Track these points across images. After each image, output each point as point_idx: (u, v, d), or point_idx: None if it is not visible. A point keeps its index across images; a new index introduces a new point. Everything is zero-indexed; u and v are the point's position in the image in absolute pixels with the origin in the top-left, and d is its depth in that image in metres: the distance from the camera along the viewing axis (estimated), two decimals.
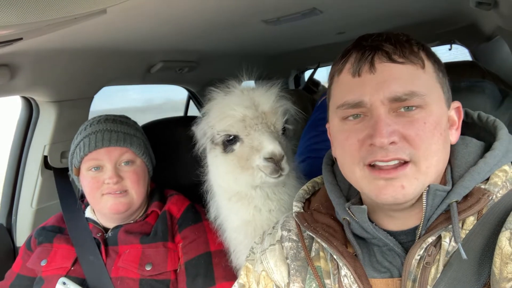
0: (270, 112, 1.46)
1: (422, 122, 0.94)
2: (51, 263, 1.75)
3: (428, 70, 0.99)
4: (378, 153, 0.94)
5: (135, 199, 1.80)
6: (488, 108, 1.34)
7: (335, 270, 1.06)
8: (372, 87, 0.97)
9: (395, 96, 0.95)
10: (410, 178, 0.94)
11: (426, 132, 0.94)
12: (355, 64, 1.00)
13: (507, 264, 0.83)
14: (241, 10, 1.71)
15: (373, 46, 0.99)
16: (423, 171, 0.95)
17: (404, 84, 0.95)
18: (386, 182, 0.95)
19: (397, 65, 0.97)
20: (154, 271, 1.68)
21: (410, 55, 0.97)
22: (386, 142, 0.93)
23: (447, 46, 3.49)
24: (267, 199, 1.55)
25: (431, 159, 0.95)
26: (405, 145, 0.94)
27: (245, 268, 1.29)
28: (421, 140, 0.94)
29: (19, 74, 1.80)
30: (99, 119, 1.86)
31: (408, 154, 0.93)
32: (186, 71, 2.81)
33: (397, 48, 0.97)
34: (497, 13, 1.60)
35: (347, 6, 1.93)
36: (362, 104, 0.98)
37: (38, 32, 0.94)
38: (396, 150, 0.93)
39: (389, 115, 0.96)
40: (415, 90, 0.94)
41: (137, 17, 1.51)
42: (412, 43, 1.00)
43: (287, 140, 1.54)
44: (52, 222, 1.93)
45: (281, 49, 3.29)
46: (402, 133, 0.94)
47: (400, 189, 0.94)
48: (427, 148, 0.94)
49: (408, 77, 0.96)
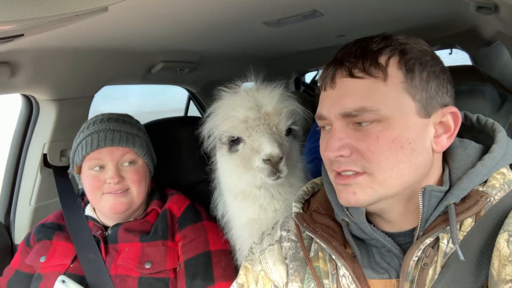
0: (273, 113, 1.46)
1: (375, 137, 0.96)
2: (50, 260, 1.75)
3: (392, 81, 0.96)
4: (334, 164, 1.02)
5: (136, 199, 1.80)
6: (488, 111, 1.35)
7: (334, 270, 1.07)
8: (330, 102, 1.02)
9: (346, 112, 0.98)
10: (363, 186, 0.99)
11: (378, 147, 0.96)
12: (322, 79, 1.05)
13: (505, 266, 0.84)
14: (242, 11, 1.71)
15: (338, 60, 1.02)
16: (380, 182, 0.97)
17: (356, 100, 0.97)
18: (342, 187, 1.02)
19: (355, 80, 0.98)
20: (153, 269, 1.68)
21: (371, 67, 0.97)
22: (332, 156, 1.00)
23: (448, 50, 3.51)
24: (272, 199, 1.55)
25: (389, 171, 0.96)
26: (358, 158, 0.98)
27: (244, 268, 1.30)
28: (373, 154, 0.96)
29: (20, 72, 1.80)
30: (102, 117, 1.86)
31: (360, 166, 0.98)
32: (187, 71, 2.81)
33: (359, 62, 0.98)
34: (498, 18, 1.61)
35: (347, 9, 1.94)
36: (323, 117, 1.04)
37: (39, 29, 0.94)
38: (347, 163, 0.99)
39: (347, 128, 0.99)
40: (366, 106, 0.95)
41: (139, 17, 1.51)
42: (382, 53, 0.98)
43: (292, 141, 1.54)
44: (52, 219, 1.93)
45: (282, 51, 3.30)
46: (355, 147, 0.98)
47: (352, 195, 1.00)
48: (381, 161, 0.96)
49: (363, 93, 0.97)
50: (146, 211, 1.88)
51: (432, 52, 1.05)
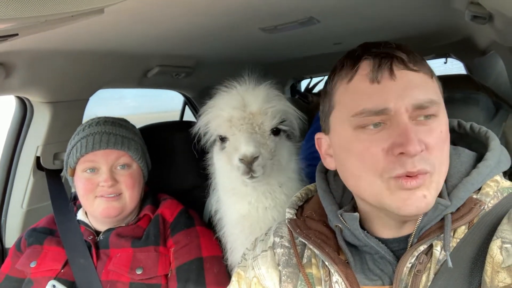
0: (258, 112, 1.47)
1: (439, 131, 0.93)
2: (40, 265, 1.73)
3: (435, 80, 0.99)
4: (407, 164, 0.89)
5: (128, 204, 1.79)
6: (482, 119, 1.35)
7: (327, 277, 1.06)
8: (396, 93, 0.93)
9: (419, 104, 0.92)
10: (428, 187, 0.91)
11: (441, 141, 0.93)
12: (374, 71, 0.96)
13: (498, 273, 0.83)
14: (238, 17, 1.72)
15: (388, 53, 0.97)
16: (438, 180, 0.93)
17: (423, 91, 0.93)
18: (409, 193, 0.91)
19: (414, 72, 0.95)
20: (145, 275, 1.66)
21: (421, 63, 0.96)
22: (419, 150, 0.88)
23: (443, 59, 3.54)
24: (261, 196, 1.56)
25: (443, 168, 0.95)
26: (427, 155, 0.90)
27: (236, 274, 1.29)
28: (438, 149, 0.92)
29: (14, 73, 1.79)
30: (98, 120, 1.85)
31: (429, 165, 0.90)
32: (183, 76, 2.81)
33: (410, 56, 0.96)
34: (492, 27, 1.62)
35: (344, 16, 1.95)
36: (385, 112, 0.93)
37: (34, 29, 0.93)
38: (420, 161, 0.89)
39: (410, 124, 0.92)
40: (433, 98, 0.93)
41: (135, 20, 1.51)
42: (412, 51, 0.99)
43: (283, 141, 1.56)
44: (43, 224, 1.91)
45: (278, 58, 3.31)
46: (424, 142, 0.90)
47: (422, 199, 0.91)
48: (440, 157, 0.93)
49: (425, 85, 0.95)
50: (138, 216, 1.86)
51: None
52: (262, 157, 1.44)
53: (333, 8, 1.75)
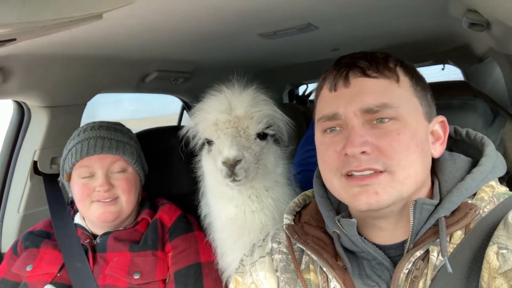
0: (244, 116, 1.48)
1: (396, 133, 0.97)
2: (36, 269, 1.72)
3: (403, 85, 1.02)
4: (352, 163, 0.97)
5: (125, 208, 1.78)
6: (480, 126, 1.36)
7: (325, 283, 1.06)
8: (346, 99, 1.01)
9: (367, 108, 0.98)
10: (384, 185, 0.96)
11: (400, 143, 0.96)
12: (332, 80, 1.05)
13: (495, 279, 0.84)
14: (237, 22, 1.72)
15: (349, 63, 1.04)
16: (400, 180, 0.96)
17: (376, 96, 0.99)
18: (360, 188, 0.97)
19: (371, 79, 1.01)
20: (142, 280, 1.65)
21: (384, 70, 1.01)
22: (357, 151, 0.96)
23: (440, 66, 3.55)
24: (248, 200, 1.56)
25: (408, 169, 0.97)
26: (378, 156, 0.96)
27: (234, 280, 1.28)
28: (394, 151, 0.96)
29: (12, 77, 1.79)
30: (93, 125, 1.84)
31: (382, 164, 0.96)
32: (181, 81, 2.81)
33: (372, 64, 1.02)
34: (490, 34, 1.63)
35: (342, 23, 1.96)
36: (337, 116, 1.02)
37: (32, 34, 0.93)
38: (368, 160, 0.96)
39: (363, 127, 0.99)
40: (386, 102, 0.98)
41: (133, 25, 1.51)
42: (389, 60, 1.04)
43: (270, 145, 1.56)
44: (40, 227, 1.90)
45: (276, 64, 3.32)
46: (375, 144, 0.96)
47: (374, 195, 0.96)
48: (402, 159, 0.96)
49: (381, 90, 1.00)
50: (136, 220, 1.86)
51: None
52: (245, 161, 1.45)
53: (331, 15, 1.76)
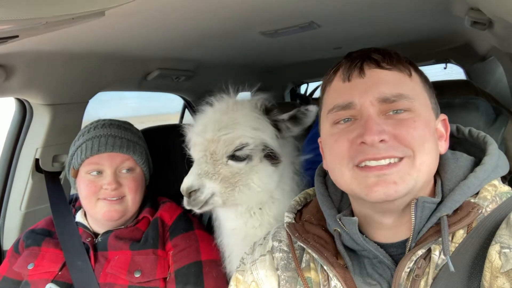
0: (212, 140, 1.46)
1: (412, 121, 0.97)
2: (38, 267, 1.72)
3: (415, 79, 1.04)
4: (369, 151, 0.95)
5: (130, 207, 1.79)
6: (482, 125, 1.35)
7: (325, 281, 1.06)
8: (362, 89, 1.01)
9: (384, 97, 0.98)
10: (403, 174, 0.94)
11: (417, 130, 0.96)
12: (345, 71, 1.04)
13: (497, 278, 0.83)
14: (239, 20, 1.72)
15: (362, 55, 1.05)
16: (417, 167, 0.96)
17: (392, 87, 0.99)
18: (378, 178, 0.95)
19: (385, 71, 1.02)
20: (143, 278, 1.65)
21: (398, 63, 1.03)
22: (377, 140, 0.94)
23: (442, 65, 3.54)
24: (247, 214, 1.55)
25: (425, 156, 0.96)
26: (396, 144, 0.95)
27: (235, 278, 1.28)
28: (412, 138, 0.96)
29: (14, 75, 1.79)
30: (104, 123, 1.85)
31: (401, 152, 0.95)
32: (183, 79, 2.81)
33: (385, 57, 1.03)
34: (492, 33, 1.63)
35: (344, 21, 1.95)
36: (352, 106, 1.00)
37: (34, 31, 0.93)
38: (387, 149, 0.94)
39: (379, 117, 0.98)
40: (403, 93, 0.98)
41: (136, 23, 1.51)
42: (400, 56, 1.05)
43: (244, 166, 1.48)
44: (42, 225, 1.90)
45: (278, 62, 3.31)
46: (392, 133, 0.96)
47: (392, 185, 0.94)
48: (420, 145, 0.96)
49: (396, 82, 1.01)
50: (137, 218, 1.86)
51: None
52: (206, 190, 1.43)
53: (334, 13, 1.76)
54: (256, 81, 1.59)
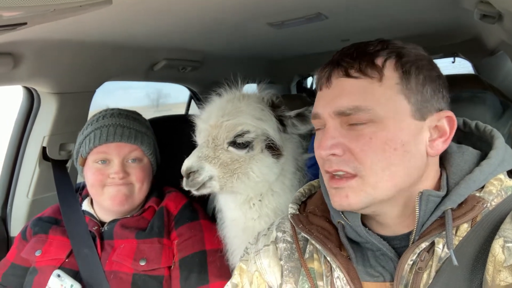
0: (215, 125, 1.49)
1: (368, 138, 0.95)
2: (45, 254, 1.75)
3: (387, 83, 0.97)
4: (325, 163, 1.01)
5: (137, 196, 1.81)
6: (489, 119, 1.35)
7: (328, 272, 1.06)
8: (325, 101, 1.02)
9: (339, 111, 0.98)
10: (355, 189, 0.97)
11: (372, 147, 0.95)
12: (318, 79, 1.06)
13: (500, 272, 0.83)
14: (246, 11, 1.71)
15: (334, 61, 1.02)
16: (372, 184, 0.96)
17: (351, 99, 0.96)
18: (335, 190, 1.01)
19: (351, 79, 0.98)
20: (148, 267, 1.67)
21: (367, 68, 0.97)
22: (324, 155, 0.99)
23: (451, 59, 3.51)
24: (246, 205, 1.57)
25: (381, 173, 0.95)
26: (350, 158, 0.97)
27: (238, 268, 1.29)
28: (365, 155, 0.95)
29: (22, 63, 1.80)
30: (112, 112, 1.86)
31: (352, 168, 0.96)
32: (189, 70, 2.81)
33: (355, 62, 0.98)
34: (501, 27, 1.61)
35: (352, 13, 1.94)
36: (318, 116, 1.04)
37: (43, 18, 0.93)
38: (339, 163, 0.97)
39: (341, 128, 0.99)
40: (360, 105, 0.95)
41: (143, 12, 1.51)
42: (379, 54, 0.99)
43: (245, 154, 1.50)
44: (49, 213, 1.92)
45: (285, 54, 3.30)
46: (347, 146, 0.97)
47: (345, 198, 0.98)
48: (373, 163, 0.95)
49: (358, 92, 0.97)
50: (143, 208, 1.88)
51: (429, 57, 1.04)
52: (205, 172, 1.46)
53: (341, 4, 1.75)
54: (262, 72, 1.59)
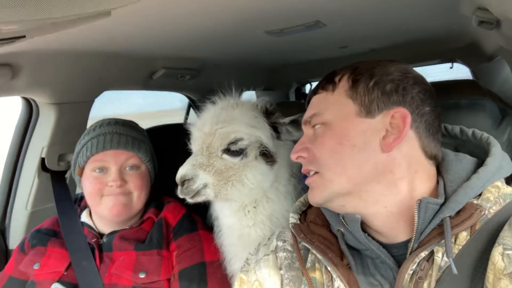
0: (209, 133, 1.50)
1: (320, 138, 1.10)
2: (44, 267, 1.73)
3: (339, 91, 1.11)
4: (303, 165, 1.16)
5: (135, 204, 1.79)
6: (488, 126, 1.35)
7: (329, 282, 1.06)
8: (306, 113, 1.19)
9: (305, 120, 1.17)
10: (317, 185, 1.10)
11: (323, 146, 1.08)
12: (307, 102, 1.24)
13: (500, 280, 0.83)
14: (244, 20, 1.72)
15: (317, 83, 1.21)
16: (328, 179, 1.07)
17: (311, 109, 1.16)
18: (309, 188, 1.15)
19: (317, 95, 1.17)
20: (148, 279, 1.66)
21: (326, 84, 1.14)
22: (294, 158, 1.17)
23: (449, 64, 3.52)
24: (241, 212, 1.57)
25: (333, 168, 1.06)
26: (313, 159, 1.11)
27: (239, 279, 1.29)
28: (320, 153, 1.09)
29: (20, 74, 1.80)
30: (109, 121, 1.86)
31: (315, 166, 1.10)
32: (188, 78, 2.81)
33: (322, 82, 1.17)
34: (499, 33, 1.61)
35: (350, 21, 1.95)
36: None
37: (41, 31, 0.93)
38: (306, 164, 1.13)
39: (309, 134, 1.16)
40: (315, 112, 1.13)
41: (141, 22, 1.52)
42: (340, 72, 1.14)
43: (239, 162, 1.50)
44: (47, 225, 1.91)
45: (283, 61, 3.30)
46: (310, 149, 1.12)
47: (311, 194, 1.13)
48: (325, 159, 1.07)
49: (317, 103, 1.16)
50: (142, 219, 1.86)
51: (403, 69, 1.10)
52: (199, 180, 1.46)
53: (340, 12, 1.75)
54: (261, 80, 1.59)
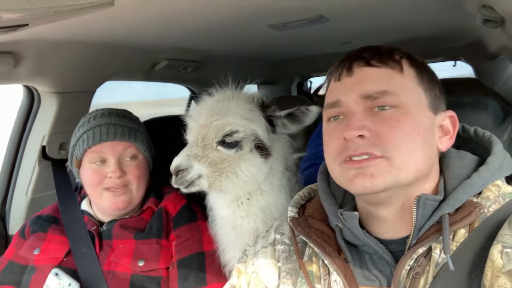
0: (204, 125, 1.50)
1: (396, 120, 0.98)
2: (44, 253, 1.74)
3: (408, 75, 1.03)
4: (350, 147, 0.99)
5: (135, 195, 1.80)
6: (490, 124, 1.34)
7: (326, 275, 1.07)
8: (348, 87, 1.04)
9: (367, 94, 1.00)
10: (381, 169, 0.97)
11: (398, 129, 0.97)
12: (337, 71, 1.07)
13: (498, 277, 0.83)
14: (248, 13, 1.71)
15: (353, 55, 1.07)
16: (398, 166, 0.97)
17: (377, 84, 1.01)
18: (357, 171, 0.99)
19: (374, 68, 1.03)
20: (146, 267, 1.67)
21: (388, 60, 1.04)
22: (354, 134, 0.98)
23: (452, 62, 3.51)
24: (235, 203, 1.57)
25: (407, 155, 0.97)
26: (376, 141, 0.97)
27: (237, 269, 1.30)
28: (393, 137, 0.97)
29: (23, 62, 1.80)
30: (103, 112, 1.86)
31: (379, 150, 0.97)
32: (190, 70, 2.81)
33: (376, 55, 1.04)
34: (504, 31, 1.61)
35: (353, 16, 1.94)
36: (339, 104, 1.05)
37: (44, 20, 0.93)
38: (366, 145, 0.97)
39: (364, 114, 1.00)
40: (387, 89, 1.00)
41: (144, 13, 1.51)
42: (394, 52, 1.06)
43: (233, 154, 1.50)
44: (48, 212, 1.92)
45: (286, 55, 3.30)
46: (374, 130, 0.98)
47: (369, 178, 0.97)
48: (400, 145, 0.97)
49: (383, 79, 1.02)
50: (142, 208, 1.87)
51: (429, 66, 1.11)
52: (194, 170, 1.46)
53: (343, 7, 1.74)
54: (263, 73, 1.59)
